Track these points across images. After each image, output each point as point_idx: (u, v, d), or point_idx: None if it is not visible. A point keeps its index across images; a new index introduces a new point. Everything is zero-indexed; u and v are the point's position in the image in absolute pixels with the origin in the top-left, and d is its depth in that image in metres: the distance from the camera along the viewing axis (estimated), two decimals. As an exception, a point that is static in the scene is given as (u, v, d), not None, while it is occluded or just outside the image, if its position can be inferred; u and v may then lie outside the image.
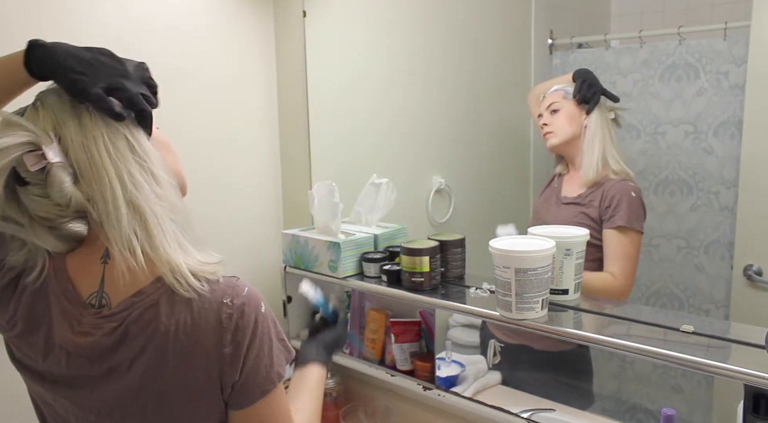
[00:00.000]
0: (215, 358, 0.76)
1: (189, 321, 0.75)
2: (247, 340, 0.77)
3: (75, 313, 0.77)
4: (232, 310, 0.76)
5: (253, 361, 0.78)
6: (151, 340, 0.74)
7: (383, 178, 1.56)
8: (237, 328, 0.76)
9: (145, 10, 1.43)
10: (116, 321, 0.75)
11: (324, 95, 1.68)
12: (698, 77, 1.96)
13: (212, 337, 0.75)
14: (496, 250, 1.13)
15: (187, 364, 0.75)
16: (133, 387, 0.76)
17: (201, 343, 0.75)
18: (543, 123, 1.69)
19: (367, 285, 1.45)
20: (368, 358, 1.52)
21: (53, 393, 0.81)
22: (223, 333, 0.76)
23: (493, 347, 1.33)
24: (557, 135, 1.66)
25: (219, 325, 0.75)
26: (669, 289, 2.07)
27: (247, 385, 0.78)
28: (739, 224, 1.78)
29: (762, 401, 0.91)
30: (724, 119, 1.92)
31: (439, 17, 1.95)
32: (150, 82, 0.81)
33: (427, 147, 1.94)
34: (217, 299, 0.76)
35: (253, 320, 0.78)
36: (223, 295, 0.77)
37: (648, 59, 2.05)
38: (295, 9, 1.65)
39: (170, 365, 0.75)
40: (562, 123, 1.65)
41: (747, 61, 1.75)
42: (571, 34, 2.24)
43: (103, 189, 0.73)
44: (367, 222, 1.58)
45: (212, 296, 0.76)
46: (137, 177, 0.75)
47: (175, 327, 0.74)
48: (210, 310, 0.75)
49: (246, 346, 0.77)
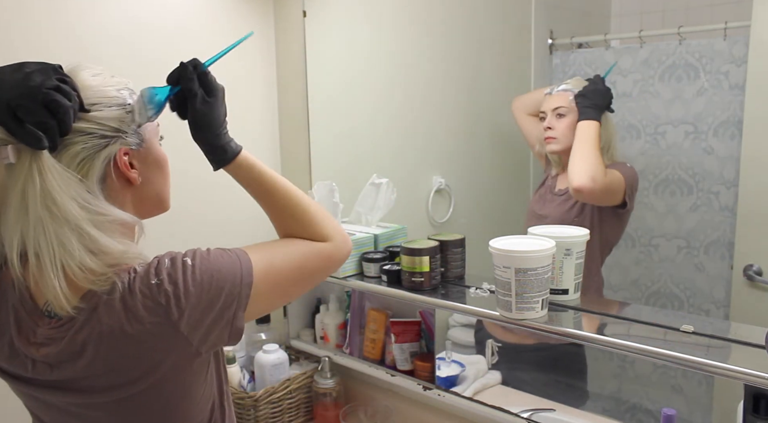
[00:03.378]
0: (170, 335, 0.74)
1: (126, 315, 0.73)
2: (191, 302, 0.74)
3: (31, 324, 0.76)
4: (162, 284, 0.73)
5: (207, 306, 0.75)
6: (100, 344, 0.73)
7: (383, 178, 1.56)
8: (173, 297, 0.73)
9: (145, 10, 1.43)
10: (65, 331, 0.74)
11: (324, 95, 1.68)
12: (698, 77, 1.96)
13: (156, 319, 0.73)
14: (496, 250, 1.13)
15: (145, 355, 0.74)
16: (101, 390, 0.76)
17: (148, 330, 0.73)
18: (547, 126, 1.67)
19: (367, 285, 1.45)
20: (368, 358, 1.52)
21: (30, 394, 0.81)
22: (166, 310, 0.73)
23: (491, 347, 1.33)
24: (560, 142, 1.65)
25: (158, 306, 0.73)
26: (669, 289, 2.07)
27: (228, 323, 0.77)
28: (739, 224, 1.78)
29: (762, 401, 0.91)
30: (724, 119, 1.92)
31: (439, 17, 1.94)
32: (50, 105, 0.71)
33: (427, 147, 1.94)
34: (145, 284, 0.74)
35: (182, 281, 0.74)
36: (149, 277, 0.74)
37: (648, 59, 2.05)
38: (295, 9, 1.65)
39: (128, 361, 0.74)
40: (566, 130, 1.63)
41: (747, 61, 1.75)
42: (571, 34, 2.24)
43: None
44: (367, 222, 1.58)
45: (141, 283, 0.74)
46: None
47: (118, 325, 0.72)
48: (142, 296, 0.73)
49: (194, 308, 0.74)
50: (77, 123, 0.74)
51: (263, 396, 1.50)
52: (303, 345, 1.68)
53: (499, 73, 2.16)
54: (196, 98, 0.84)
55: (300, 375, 1.58)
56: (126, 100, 0.79)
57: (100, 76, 0.79)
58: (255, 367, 1.58)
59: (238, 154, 0.89)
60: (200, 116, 0.85)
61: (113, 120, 0.77)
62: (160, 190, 0.87)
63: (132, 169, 0.81)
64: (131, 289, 0.73)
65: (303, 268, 0.88)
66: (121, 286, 0.73)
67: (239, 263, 0.79)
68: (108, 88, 0.78)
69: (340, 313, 1.62)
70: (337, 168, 1.70)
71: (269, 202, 0.92)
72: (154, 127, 0.85)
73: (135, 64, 1.39)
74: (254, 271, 0.79)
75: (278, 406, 1.53)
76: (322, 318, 1.63)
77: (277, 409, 1.53)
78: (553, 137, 1.66)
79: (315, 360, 1.64)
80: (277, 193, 0.91)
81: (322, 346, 1.64)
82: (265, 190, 0.91)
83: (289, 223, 0.92)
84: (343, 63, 1.72)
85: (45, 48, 1.27)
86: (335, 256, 0.92)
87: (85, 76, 0.77)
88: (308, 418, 1.61)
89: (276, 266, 0.83)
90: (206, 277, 0.75)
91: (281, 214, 0.92)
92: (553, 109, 1.66)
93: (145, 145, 0.82)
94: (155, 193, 0.86)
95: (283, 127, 1.74)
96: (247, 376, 1.59)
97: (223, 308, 0.76)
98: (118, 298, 0.73)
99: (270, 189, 0.91)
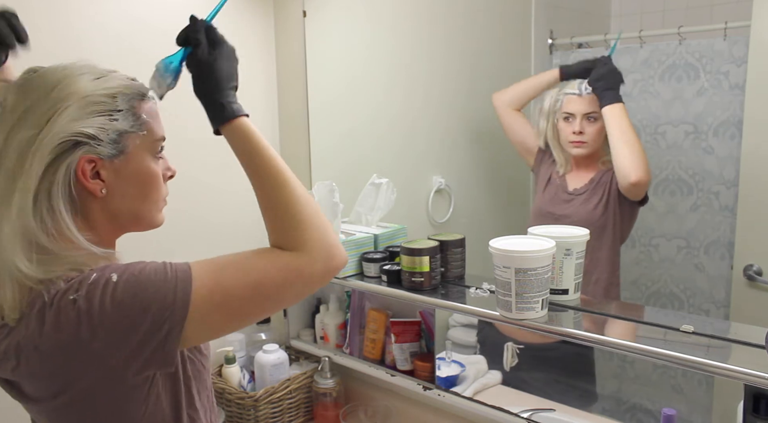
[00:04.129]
0: (82, 355, 0.69)
1: (39, 329, 0.69)
2: (106, 322, 0.68)
3: None
4: (77, 301, 0.68)
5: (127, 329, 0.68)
6: (20, 353, 0.71)
7: (383, 178, 1.56)
8: (85, 315, 0.68)
9: (145, 10, 1.43)
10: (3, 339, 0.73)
11: (324, 95, 1.68)
12: (698, 77, 1.96)
13: (64, 336, 0.69)
14: (496, 250, 1.13)
15: (57, 370, 0.71)
16: (32, 397, 0.75)
17: (57, 346, 0.69)
18: (578, 130, 1.62)
19: (367, 285, 1.45)
20: (368, 358, 1.52)
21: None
22: (76, 328, 0.68)
23: (511, 349, 1.30)
24: (590, 146, 1.62)
25: (68, 323, 0.68)
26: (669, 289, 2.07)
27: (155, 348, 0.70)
28: (739, 224, 1.78)
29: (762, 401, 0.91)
30: (724, 119, 1.92)
31: (439, 17, 1.94)
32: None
33: (427, 147, 1.94)
34: (64, 299, 0.69)
35: (99, 299, 0.68)
36: (69, 292, 0.70)
37: (648, 59, 2.05)
38: (295, 9, 1.64)
39: (44, 374, 0.72)
40: (597, 135, 1.62)
41: (747, 61, 1.74)
42: (571, 34, 2.24)
43: None
44: (367, 222, 1.58)
45: (61, 297, 0.70)
46: None
47: (31, 338, 0.70)
48: (56, 311, 0.69)
49: (111, 330, 0.68)
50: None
51: (263, 396, 1.50)
52: (303, 345, 1.68)
53: (499, 72, 2.16)
54: (199, 47, 0.83)
55: (300, 375, 1.58)
56: (117, 107, 0.76)
57: (101, 79, 0.77)
58: (255, 367, 1.58)
59: (237, 117, 0.82)
60: (203, 66, 0.82)
61: (91, 127, 0.73)
62: (134, 207, 0.80)
63: (95, 179, 0.75)
64: (52, 302, 0.69)
65: (260, 286, 0.75)
66: (46, 297, 0.69)
67: (174, 281, 0.70)
68: (99, 92, 0.75)
69: (340, 313, 1.62)
70: (337, 168, 1.70)
71: (256, 187, 0.82)
72: (148, 142, 0.80)
73: (134, 63, 1.38)
74: (193, 290, 0.70)
75: (278, 406, 1.53)
76: (322, 318, 1.63)
77: (277, 409, 1.53)
78: (583, 141, 1.62)
79: (315, 360, 1.64)
80: (267, 177, 0.80)
81: (322, 346, 1.64)
82: (255, 170, 0.81)
83: (269, 219, 0.80)
84: (343, 63, 1.72)
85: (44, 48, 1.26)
86: (306, 272, 0.77)
87: (82, 83, 0.75)
88: (308, 418, 1.61)
89: (223, 284, 0.73)
90: (128, 296, 0.68)
91: (265, 205, 0.81)
92: (586, 114, 1.62)
93: (123, 157, 0.77)
94: (127, 208, 0.79)
95: (283, 127, 1.74)
96: (247, 376, 1.59)
97: (151, 331, 0.69)
98: (36, 310, 0.70)
99: (260, 170, 0.81)
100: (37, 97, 0.73)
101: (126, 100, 0.78)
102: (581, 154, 1.65)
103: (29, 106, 0.73)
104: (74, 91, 0.74)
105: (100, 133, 0.74)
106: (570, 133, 1.65)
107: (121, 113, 0.77)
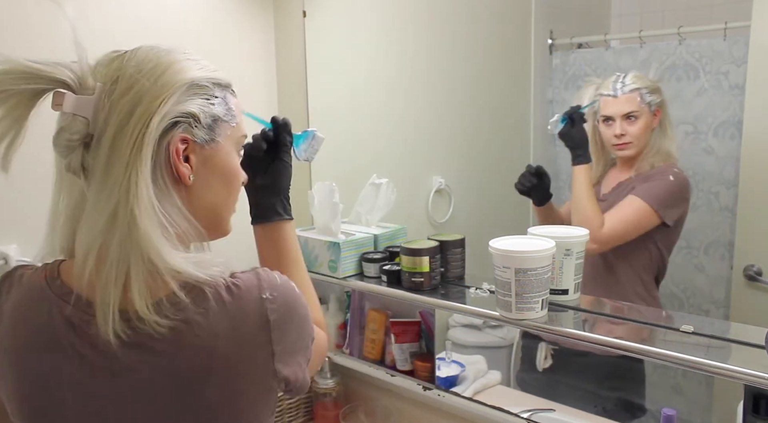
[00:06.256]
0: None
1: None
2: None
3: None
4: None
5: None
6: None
7: (383, 178, 1.56)
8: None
9: (145, 10, 1.43)
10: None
11: (324, 95, 1.68)
12: (698, 77, 1.96)
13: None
14: (496, 250, 1.13)
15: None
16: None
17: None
18: (620, 133, 1.56)
19: (367, 285, 1.45)
20: (368, 358, 1.52)
21: None
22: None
23: (545, 350, 1.29)
24: (635, 146, 1.56)
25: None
26: (669, 289, 2.07)
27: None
28: (739, 224, 1.78)
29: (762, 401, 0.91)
30: (724, 119, 1.92)
31: (439, 17, 1.95)
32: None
33: (427, 147, 1.94)
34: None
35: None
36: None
37: (648, 59, 2.05)
38: (295, 9, 1.64)
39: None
40: (640, 133, 1.55)
41: (747, 61, 1.74)
42: (571, 34, 2.24)
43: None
44: (367, 222, 1.58)
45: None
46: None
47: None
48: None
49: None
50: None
51: (263, 396, 1.50)
52: (303, 345, 1.67)
53: (499, 73, 2.16)
54: (287, 149, 0.94)
55: (300, 375, 1.58)
56: (214, 93, 0.74)
57: (200, 66, 0.74)
58: (255, 367, 1.58)
59: (285, 220, 0.93)
60: (283, 168, 0.94)
61: (193, 106, 0.71)
62: (217, 201, 0.77)
63: (185, 163, 0.71)
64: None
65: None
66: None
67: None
68: (201, 75, 0.73)
69: (340, 313, 1.62)
70: (337, 168, 1.70)
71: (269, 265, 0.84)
72: (235, 136, 0.77)
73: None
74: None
75: (278, 406, 1.53)
76: (322, 318, 1.63)
77: (277, 409, 1.53)
78: (629, 142, 1.56)
79: (315, 360, 1.64)
80: (287, 269, 0.89)
81: (322, 346, 1.64)
82: (275, 261, 0.91)
83: None
84: (344, 63, 1.72)
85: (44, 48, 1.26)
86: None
87: (186, 69, 0.72)
88: (308, 418, 1.61)
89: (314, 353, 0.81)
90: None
91: None
92: (625, 114, 1.56)
93: (214, 146, 0.74)
94: (210, 203, 0.76)
95: (283, 127, 1.74)
96: (247, 376, 1.59)
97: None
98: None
99: (279, 264, 0.89)
100: (147, 83, 0.68)
101: (221, 89, 0.75)
102: (628, 155, 1.59)
103: (138, 91, 0.68)
104: (181, 77, 0.70)
105: (200, 113, 0.71)
106: (612, 136, 1.58)
107: (217, 99, 0.74)
